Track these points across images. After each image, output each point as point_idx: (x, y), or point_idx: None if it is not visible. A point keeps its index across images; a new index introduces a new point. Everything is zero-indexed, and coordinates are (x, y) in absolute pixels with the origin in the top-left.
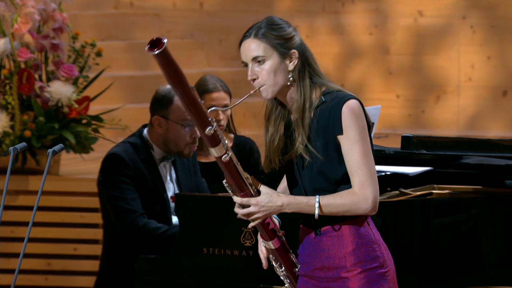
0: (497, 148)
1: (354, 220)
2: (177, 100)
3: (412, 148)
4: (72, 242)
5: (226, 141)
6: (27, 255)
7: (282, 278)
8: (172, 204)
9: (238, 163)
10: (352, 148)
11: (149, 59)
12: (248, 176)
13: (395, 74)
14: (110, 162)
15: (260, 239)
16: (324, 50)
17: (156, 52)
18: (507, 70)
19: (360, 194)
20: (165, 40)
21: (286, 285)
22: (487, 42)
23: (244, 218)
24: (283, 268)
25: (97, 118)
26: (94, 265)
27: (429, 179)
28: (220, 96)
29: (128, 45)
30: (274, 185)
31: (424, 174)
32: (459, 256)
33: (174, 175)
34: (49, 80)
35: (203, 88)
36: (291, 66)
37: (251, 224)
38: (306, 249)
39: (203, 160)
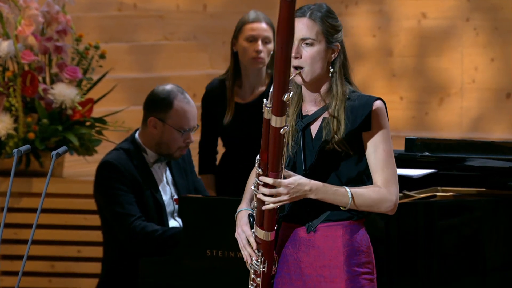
0: (500, 150)
1: (352, 222)
2: (176, 105)
3: (415, 150)
4: (76, 244)
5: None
6: (30, 257)
7: (253, 276)
8: (169, 208)
9: (286, 142)
10: (379, 146)
11: (152, 61)
12: (285, 157)
13: (399, 76)
14: (104, 170)
15: (243, 232)
16: None
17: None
18: (510, 72)
19: (386, 191)
20: None
21: (252, 285)
22: (490, 44)
23: (267, 198)
24: (266, 264)
25: (100, 120)
26: (97, 267)
27: (433, 182)
28: (260, 27)
29: (131, 47)
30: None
31: (428, 177)
32: (463, 258)
33: (170, 177)
34: (52, 82)
35: (244, 19)
36: (331, 58)
37: (269, 206)
38: (296, 246)
39: (239, 101)
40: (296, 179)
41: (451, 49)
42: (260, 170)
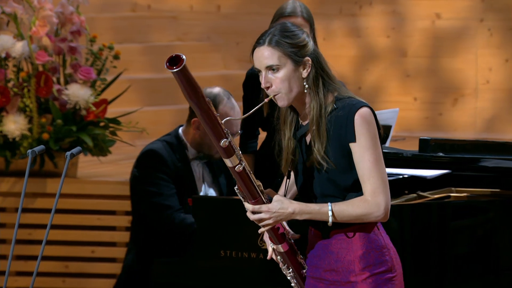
0: None
1: (364, 225)
2: (221, 110)
3: (429, 151)
4: (90, 245)
5: (240, 152)
6: (44, 258)
7: (289, 278)
8: None
9: (251, 172)
10: (364, 155)
11: None
12: (260, 183)
13: (413, 76)
14: (148, 158)
15: (268, 242)
16: (341, 53)
17: (176, 70)
18: None
19: (372, 201)
20: (184, 57)
21: (293, 284)
22: (504, 45)
23: (256, 222)
24: (291, 269)
25: (114, 121)
26: (111, 268)
27: (447, 182)
28: (296, 22)
29: (145, 47)
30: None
31: (442, 177)
32: (476, 258)
33: (207, 176)
34: (67, 83)
35: (281, 11)
36: (304, 74)
37: (261, 230)
38: (315, 251)
39: None
40: (277, 204)
41: (465, 50)
42: (241, 198)
